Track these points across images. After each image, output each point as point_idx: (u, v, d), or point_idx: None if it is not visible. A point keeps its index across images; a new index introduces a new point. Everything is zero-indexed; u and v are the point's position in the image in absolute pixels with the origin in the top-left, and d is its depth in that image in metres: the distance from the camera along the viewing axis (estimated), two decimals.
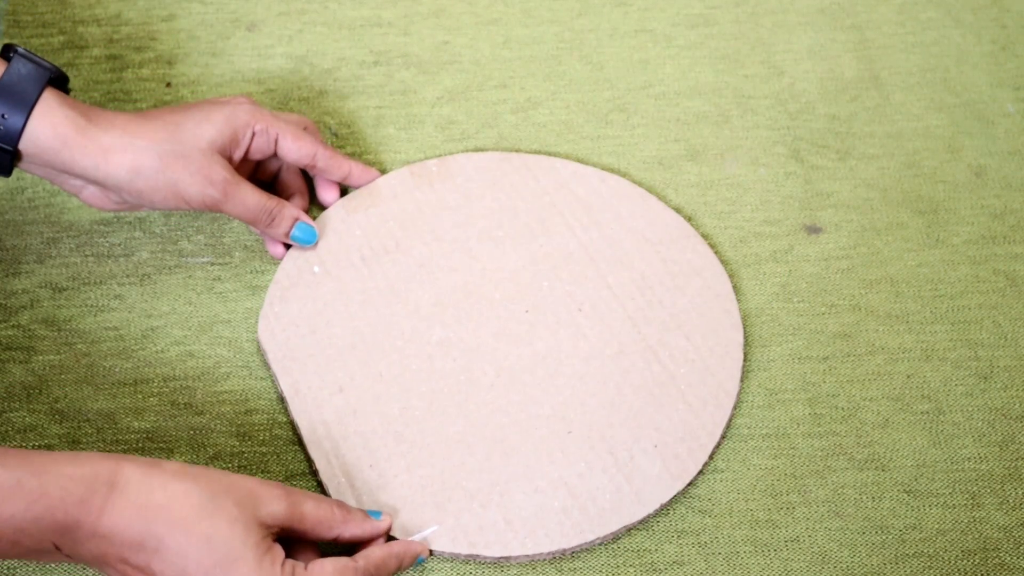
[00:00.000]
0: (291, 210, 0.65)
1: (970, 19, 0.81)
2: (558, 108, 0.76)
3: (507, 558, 0.58)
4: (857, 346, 0.66)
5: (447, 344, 0.64)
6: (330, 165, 0.67)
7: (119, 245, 0.69)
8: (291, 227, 0.66)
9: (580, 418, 0.62)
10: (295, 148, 0.65)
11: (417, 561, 0.58)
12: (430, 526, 0.58)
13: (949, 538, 0.59)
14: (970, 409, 0.64)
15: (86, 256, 0.69)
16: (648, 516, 0.59)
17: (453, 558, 0.58)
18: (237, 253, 0.69)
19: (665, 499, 0.60)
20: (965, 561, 0.59)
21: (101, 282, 0.68)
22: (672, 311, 0.66)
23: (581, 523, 0.59)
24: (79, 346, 0.65)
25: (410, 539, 0.58)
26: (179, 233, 0.70)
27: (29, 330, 0.66)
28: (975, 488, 0.61)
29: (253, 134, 0.64)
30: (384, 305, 0.66)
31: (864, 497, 0.61)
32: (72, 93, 0.74)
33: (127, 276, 0.68)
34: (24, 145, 0.59)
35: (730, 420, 0.63)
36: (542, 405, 0.62)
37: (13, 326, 0.66)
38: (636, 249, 0.68)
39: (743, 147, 0.74)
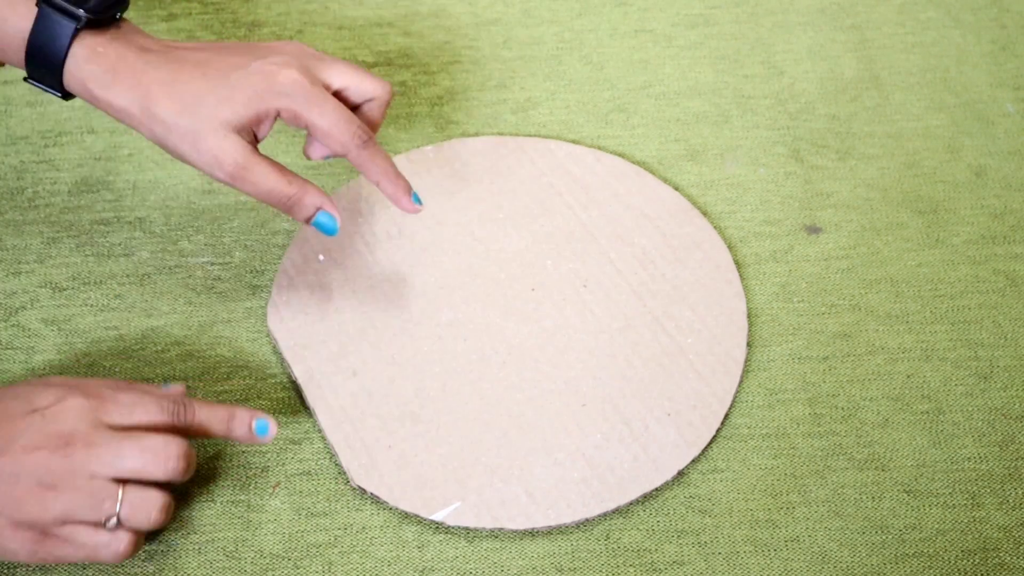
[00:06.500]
0: (313, 197, 0.60)
1: (970, 19, 0.81)
2: (558, 108, 0.76)
3: (531, 530, 0.59)
4: (857, 346, 0.66)
5: (456, 325, 0.65)
6: (362, 167, 0.61)
7: (119, 245, 0.69)
8: (313, 214, 0.60)
9: (593, 391, 0.63)
10: (327, 142, 0.60)
11: (259, 431, 0.58)
12: (453, 503, 0.59)
13: (949, 538, 0.59)
14: (970, 409, 0.64)
15: (86, 256, 0.69)
16: (665, 483, 0.60)
17: (477, 533, 0.59)
18: (237, 253, 0.69)
19: (682, 465, 0.60)
20: (965, 561, 0.59)
21: (101, 282, 0.68)
22: (675, 283, 0.67)
23: (601, 492, 0.59)
24: (79, 346, 0.65)
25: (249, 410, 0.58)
26: (179, 233, 0.70)
27: (29, 330, 0.66)
28: (975, 488, 0.61)
29: (278, 115, 0.59)
30: (391, 289, 0.66)
31: (864, 497, 0.61)
32: None
33: (127, 276, 0.68)
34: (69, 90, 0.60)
35: (739, 386, 0.64)
36: (555, 380, 0.63)
37: (13, 325, 0.66)
38: (636, 225, 0.69)
39: (743, 147, 0.74)
